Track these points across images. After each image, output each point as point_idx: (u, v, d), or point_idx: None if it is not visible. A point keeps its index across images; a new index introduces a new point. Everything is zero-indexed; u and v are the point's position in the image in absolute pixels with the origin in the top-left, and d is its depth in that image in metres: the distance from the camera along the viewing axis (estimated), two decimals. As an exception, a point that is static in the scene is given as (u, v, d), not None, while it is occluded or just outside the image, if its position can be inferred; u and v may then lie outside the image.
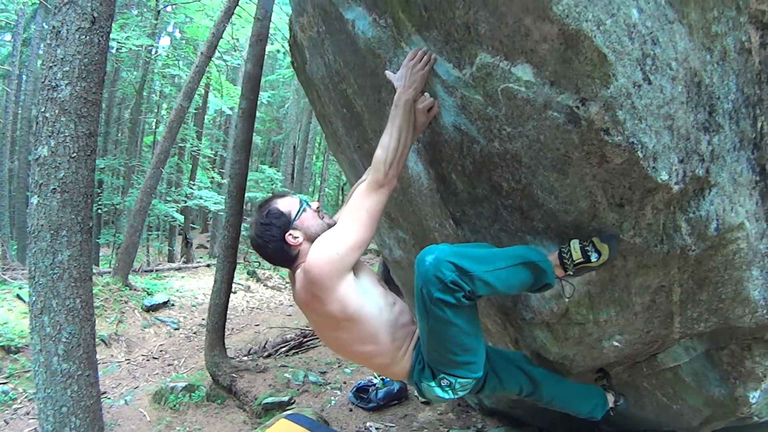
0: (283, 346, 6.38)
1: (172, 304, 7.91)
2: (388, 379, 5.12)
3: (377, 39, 1.74)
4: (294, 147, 13.92)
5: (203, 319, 7.63)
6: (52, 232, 2.77)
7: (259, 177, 13.24)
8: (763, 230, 1.63)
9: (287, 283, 11.07)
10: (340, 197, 19.60)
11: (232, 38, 11.04)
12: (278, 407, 4.80)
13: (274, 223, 1.56)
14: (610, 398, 2.09)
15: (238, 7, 8.38)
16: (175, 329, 7.13)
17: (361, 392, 5.02)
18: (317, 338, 6.92)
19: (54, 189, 2.77)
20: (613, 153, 1.25)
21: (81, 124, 2.80)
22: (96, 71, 2.81)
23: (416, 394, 1.58)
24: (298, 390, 5.20)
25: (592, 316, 1.78)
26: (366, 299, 1.55)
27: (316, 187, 17.32)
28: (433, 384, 1.58)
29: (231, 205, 5.28)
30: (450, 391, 1.59)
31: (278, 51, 13.38)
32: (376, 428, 4.70)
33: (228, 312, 8.47)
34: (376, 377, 5.25)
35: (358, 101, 2.23)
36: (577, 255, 1.50)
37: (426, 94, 1.64)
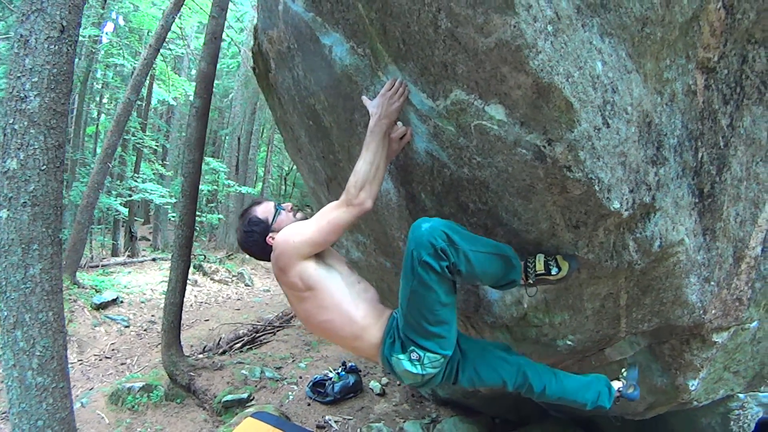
0: (237, 342, 6.45)
1: (121, 301, 7.83)
2: (343, 373, 5.33)
3: (354, 66, 1.84)
4: (239, 139, 13.80)
5: (153, 316, 7.59)
6: (23, 246, 2.78)
7: (203, 169, 13.14)
8: (700, 244, 1.91)
9: (234, 276, 11.06)
10: (283, 187, 19.44)
11: (179, 28, 10.93)
12: (238, 404, 4.91)
13: (255, 230, 1.86)
14: (616, 384, 2.15)
15: (187, -1, 8.23)
16: (126, 327, 7.02)
17: (318, 386, 5.21)
18: (270, 332, 7.04)
19: (24, 203, 2.77)
20: (573, 186, 1.44)
21: (50, 135, 2.79)
22: (64, 81, 2.79)
23: (387, 371, 1.67)
24: (255, 386, 5.32)
25: (548, 319, 2.02)
26: (326, 273, 1.76)
27: (259, 177, 17.22)
28: (402, 357, 1.71)
29: (185, 204, 5.31)
30: (419, 366, 1.70)
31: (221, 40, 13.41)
32: (335, 421, 4.91)
33: None
34: (331, 371, 5.45)
35: (328, 117, 2.34)
36: (540, 267, 1.69)
37: (399, 123, 1.77)
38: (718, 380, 2.65)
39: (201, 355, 5.87)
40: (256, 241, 1.86)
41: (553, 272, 1.68)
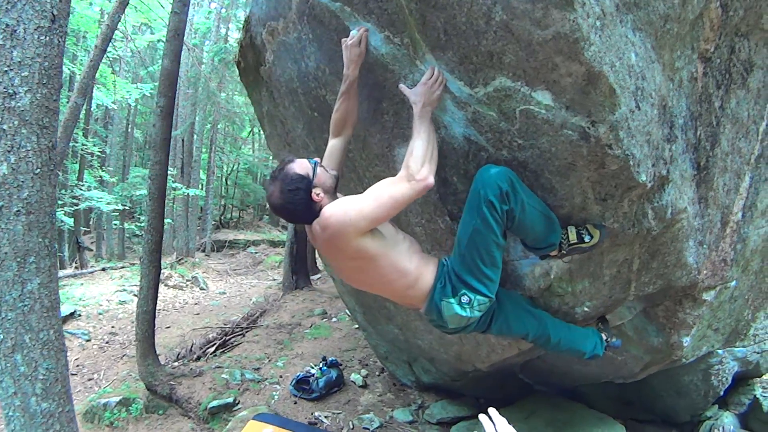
0: (210, 347, 6.42)
1: (79, 315, 7.59)
2: (325, 368, 5.47)
3: (391, 55, 1.99)
4: (182, 140, 13.49)
5: (113, 327, 7.37)
6: (18, 259, 2.63)
7: (147, 173, 12.92)
8: (696, 211, 2.25)
9: (188, 281, 10.84)
10: (223, 189, 19.04)
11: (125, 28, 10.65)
12: (224, 410, 4.92)
13: (300, 186, 1.83)
14: (604, 337, 2.51)
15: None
16: (87, 341, 6.77)
17: (302, 383, 5.32)
18: (239, 334, 7.04)
19: (18, 211, 2.61)
20: (611, 162, 1.70)
21: (43, 135, 2.64)
22: (55, 76, 2.66)
23: (431, 318, 2.03)
24: (238, 389, 5.35)
25: (571, 288, 2.30)
26: (380, 241, 1.86)
27: (201, 180, 16.91)
28: (453, 301, 1.89)
29: (152, 208, 5.22)
30: (468, 309, 1.89)
31: (159, 41, 13.22)
32: (325, 417, 5.06)
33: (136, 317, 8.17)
34: (313, 367, 5.57)
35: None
36: (573, 237, 1.96)
37: (354, 31, 2.01)
38: (702, 337, 3.06)
39: (176, 363, 5.80)
40: (302, 199, 1.83)
41: (586, 239, 1.95)
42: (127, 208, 13.07)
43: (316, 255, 10.51)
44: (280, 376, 5.76)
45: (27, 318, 2.69)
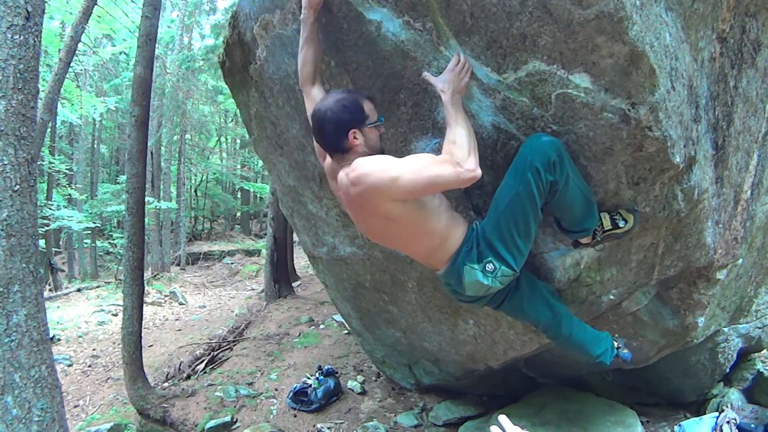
0: (198, 364, 6.22)
1: (58, 339, 7.28)
2: (322, 378, 5.38)
3: (413, 42, 1.92)
4: (151, 152, 13.17)
5: (94, 350, 7.08)
6: (1, 288, 2.41)
7: (117, 189, 12.67)
8: (714, 191, 2.29)
9: (165, 296, 10.55)
10: (193, 201, 18.75)
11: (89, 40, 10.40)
12: (222, 429, 4.75)
13: (351, 110, 1.75)
14: (616, 345, 2.45)
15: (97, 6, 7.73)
16: (69, 366, 6.48)
17: (300, 395, 5.21)
18: (227, 348, 6.86)
19: None
20: (650, 144, 1.70)
21: (21, 147, 2.44)
22: (32, 80, 2.47)
23: (448, 281, 1.98)
24: (234, 407, 5.19)
25: (599, 276, 2.30)
26: (411, 207, 1.77)
27: (171, 193, 16.62)
28: (477, 267, 1.84)
29: (132, 223, 5.03)
30: (490, 278, 1.84)
31: (121, 53, 12.94)
32: (328, 428, 4.96)
33: (119, 338, 7.85)
34: (309, 378, 5.47)
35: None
36: (607, 224, 1.95)
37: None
38: (712, 317, 3.12)
39: (166, 384, 5.59)
40: (340, 121, 1.73)
41: (621, 225, 1.94)
42: (97, 226, 12.66)
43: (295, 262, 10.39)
44: (276, 389, 5.63)
45: (15, 354, 2.46)
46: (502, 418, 1.19)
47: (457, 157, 1.63)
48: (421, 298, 3.35)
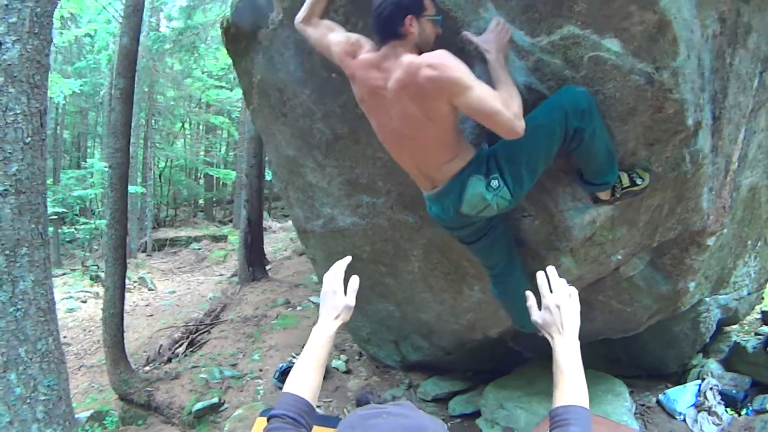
0: (178, 347, 6.26)
1: None
2: None
3: (453, 2, 2.10)
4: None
5: (65, 337, 6.91)
6: (7, 252, 2.27)
7: (82, 174, 12.34)
8: (711, 158, 2.61)
9: (134, 282, 10.40)
10: (158, 188, 18.44)
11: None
12: (210, 411, 4.85)
13: None
14: None
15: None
16: None
17: (287, 375, 5.33)
18: (205, 331, 6.93)
19: (5, 191, 2.27)
20: (669, 106, 1.98)
21: (34, 96, 2.37)
22: (47, 25, 2.41)
23: (445, 197, 2.12)
24: (220, 388, 5.29)
25: (611, 235, 2.58)
26: (453, 114, 1.89)
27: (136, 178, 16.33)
28: (483, 179, 1.99)
29: (114, 200, 5.05)
30: (491, 194, 1.99)
31: (86, 35, 12.65)
32: (317, 406, 5.12)
33: (89, 325, 7.73)
34: (294, 357, 5.61)
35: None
36: (626, 181, 2.22)
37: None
38: (698, 285, 3.48)
39: (147, 368, 5.61)
40: (400, 3, 1.82)
41: (638, 182, 2.22)
42: (63, 212, 12.31)
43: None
44: (260, 370, 5.76)
45: (21, 326, 2.32)
46: (551, 268, 1.33)
47: (515, 110, 1.79)
48: (425, 266, 3.54)
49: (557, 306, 1.27)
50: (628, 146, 2.18)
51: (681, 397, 3.86)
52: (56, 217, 11.80)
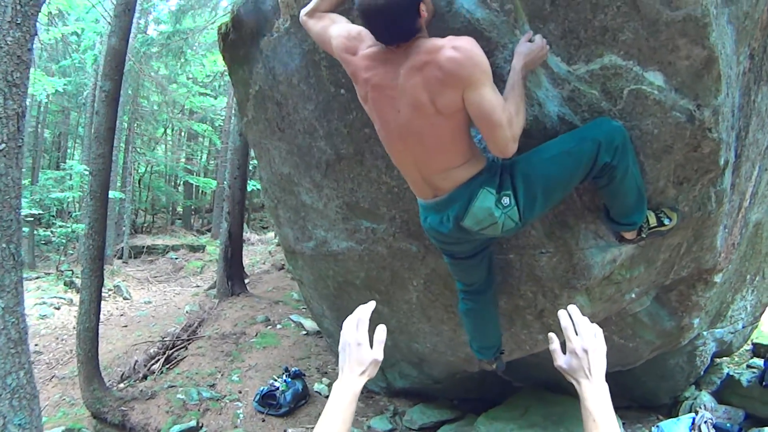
0: (154, 363, 5.95)
1: None
2: (289, 380, 5.30)
3: (489, 22, 1.95)
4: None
5: (36, 345, 6.61)
6: None
7: (61, 175, 11.93)
8: (730, 196, 2.54)
9: (109, 290, 9.99)
10: (135, 194, 18.08)
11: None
12: (188, 435, 4.57)
13: None
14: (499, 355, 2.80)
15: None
16: None
17: (268, 399, 5.11)
18: (182, 347, 6.62)
19: None
20: (707, 145, 1.87)
21: (11, 97, 2.13)
22: (32, 16, 2.17)
23: (449, 206, 1.93)
24: (198, 410, 5.01)
25: (629, 274, 2.46)
26: (464, 111, 1.72)
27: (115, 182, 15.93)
28: (494, 194, 1.82)
29: (94, 208, 4.76)
30: (499, 211, 1.83)
31: (72, 33, 12.31)
32: (298, 433, 4.90)
33: (62, 333, 7.33)
34: (276, 380, 5.38)
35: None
36: (653, 221, 2.10)
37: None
38: (700, 321, 3.42)
39: (122, 385, 5.28)
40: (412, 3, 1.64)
41: (666, 222, 2.10)
42: (39, 213, 11.83)
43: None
44: (239, 392, 5.49)
45: None
46: (572, 307, 1.23)
47: (515, 131, 1.69)
48: (425, 296, 3.38)
49: (584, 350, 1.16)
50: (658, 184, 2.07)
51: (674, 430, 3.76)
52: (32, 218, 11.30)
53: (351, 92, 2.58)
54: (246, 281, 9.46)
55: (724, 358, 4.48)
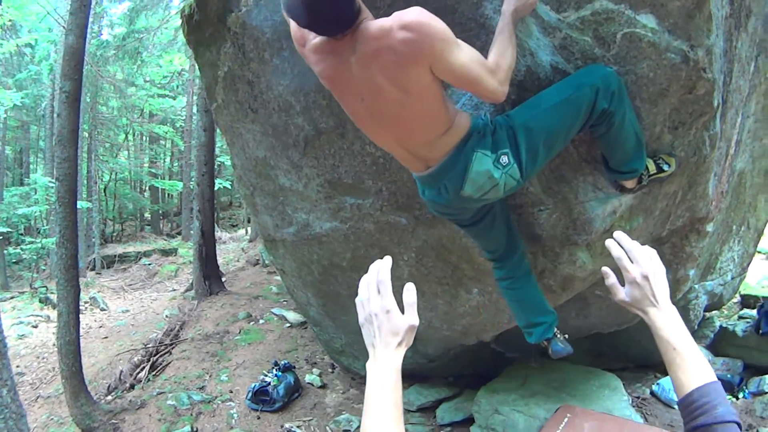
0: (139, 371, 5.80)
1: None
2: (280, 374, 5.24)
3: None
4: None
5: (18, 366, 6.41)
6: None
7: (25, 191, 11.60)
8: (719, 142, 2.57)
9: (85, 303, 9.72)
10: (102, 203, 17.67)
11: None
12: (184, 441, 4.47)
13: None
14: (557, 333, 2.41)
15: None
16: None
17: (260, 395, 5.06)
18: (166, 352, 6.50)
19: None
20: (701, 86, 1.88)
21: None
22: None
23: (443, 174, 1.82)
24: (191, 415, 4.93)
25: (629, 226, 2.47)
26: (435, 82, 1.62)
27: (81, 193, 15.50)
28: (490, 155, 1.74)
29: (63, 215, 4.58)
30: (499, 171, 1.74)
31: (26, 45, 12.00)
32: (297, 427, 4.85)
33: (42, 351, 7.10)
34: (267, 375, 5.31)
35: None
36: (652, 168, 2.10)
37: None
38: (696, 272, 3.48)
39: (110, 397, 5.12)
40: None
41: (665, 168, 2.11)
42: (8, 231, 11.43)
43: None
44: (230, 391, 5.42)
45: None
46: (618, 233, 1.15)
47: (501, 76, 1.61)
48: (418, 271, 3.34)
49: (644, 276, 1.08)
50: (655, 130, 2.08)
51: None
52: (1, 237, 10.95)
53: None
54: (223, 279, 9.33)
55: (714, 311, 4.59)
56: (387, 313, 1.04)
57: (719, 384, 0.97)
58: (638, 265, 1.09)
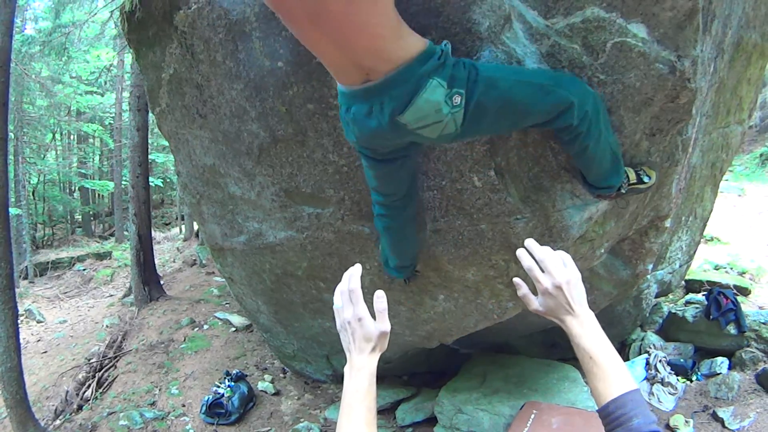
0: (86, 389, 5.37)
1: None
2: (233, 384, 5.03)
3: None
4: None
5: None
6: None
7: None
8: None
9: (21, 316, 9.01)
10: (31, 207, 16.55)
11: None
12: (138, 465, 4.17)
13: None
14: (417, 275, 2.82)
15: None
16: None
17: (215, 408, 4.88)
18: (110, 366, 6.11)
19: None
20: (685, 95, 1.84)
21: None
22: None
23: (391, 92, 1.55)
24: (146, 435, 4.60)
25: (601, 230, 2.44)
26: None
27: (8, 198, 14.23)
28: (443, 89, 1.54)
29: (-5, 229, 3.99)
30: (449, 107, 1.57)
31: None
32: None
33: None
34: (219, 385, 5.08)
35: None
36: (632, 177, 2.07)
37: None
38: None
39: (58, 422, 4.70)
40: None
41: (645, 180, 2.08)
42: None
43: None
44: (183, 405, 5.16)
45: None
46: (529, 241, 1.12)
47: None
48: (380, 278, 3.19)
49: (557, 287, 1.04)
50: (634, 138, 2.04)
51: (631, 372, 3.97)
52: None
53: (290, 65, 2.30)
54: (161, 283, 8.88)
55: (661, 298, 4.78)
56: (359, 320, 1.09)
57: (638, 393, 0.95)
58: (549, 276, 1.06)
